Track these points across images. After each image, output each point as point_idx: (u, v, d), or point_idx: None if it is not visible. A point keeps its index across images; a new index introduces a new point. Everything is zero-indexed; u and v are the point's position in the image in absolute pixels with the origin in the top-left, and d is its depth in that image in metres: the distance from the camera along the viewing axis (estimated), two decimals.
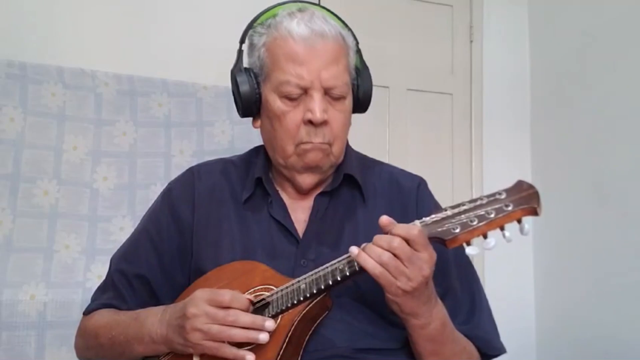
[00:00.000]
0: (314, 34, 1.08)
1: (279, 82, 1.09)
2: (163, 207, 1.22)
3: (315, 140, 1.10)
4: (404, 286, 0.94)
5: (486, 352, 1.12)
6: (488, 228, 0.94)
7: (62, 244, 1.73)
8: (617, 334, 2.20)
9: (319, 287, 0.99)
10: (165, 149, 1.91)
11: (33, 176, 1.73)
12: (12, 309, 1.61)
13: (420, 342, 1.03)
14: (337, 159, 1.16)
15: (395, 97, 2.59)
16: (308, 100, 1.09)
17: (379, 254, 0.94)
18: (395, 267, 0.93)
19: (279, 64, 1.09)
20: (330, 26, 1.11)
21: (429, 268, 0.95)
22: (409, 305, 0.97)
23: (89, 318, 1.19)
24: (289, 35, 1.08)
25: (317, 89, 1.08)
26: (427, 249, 0.95)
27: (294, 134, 1.10)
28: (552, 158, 2.62)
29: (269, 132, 1.15)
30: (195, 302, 0.99)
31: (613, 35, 2.34)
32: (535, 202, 0.93)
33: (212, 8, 2.24)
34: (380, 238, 0.96)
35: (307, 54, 1.07)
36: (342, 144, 1.15)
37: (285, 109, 1.10)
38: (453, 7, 2.73)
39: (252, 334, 0.96)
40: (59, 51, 1.97)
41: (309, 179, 1.15)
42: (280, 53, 1.09)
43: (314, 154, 1.11)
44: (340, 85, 1.10)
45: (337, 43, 1.11)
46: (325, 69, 1.08)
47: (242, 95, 1.14)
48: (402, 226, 0.95)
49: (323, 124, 1.09)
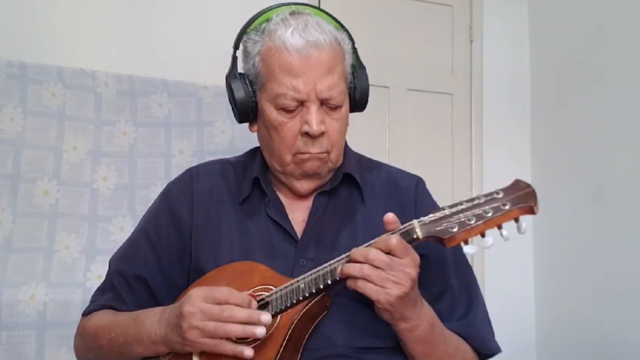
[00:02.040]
0: (308, 44, 1.07)
1: (275, 95, 1.09)
2: (162, 208, 1.22)
3: (313, 150, 1.10)
4: (395, 292, 0.94)
5: (480, 351, 1.12)
6: (486, 227, 0.94)
7: (62, 244, 1.73)
8: (617, 334, 2.20)
9: (318, 286, 0.99)
10: (165, 149, 1.91)
11: (33, 176, 1.74)
12: (12, 309, 1.62)
13: (411, 345, 1.03)
14: (335, 164, 1.16)
15: (395, 97, 2.59)
16: (305, 112, 1.08)
17: (358, 269, 0.95)
18: (378, 276, 0.94)
19: (274, 75, 1.09)
20: (325, 34, 1.09)
21: (413, 270, 0.96)
22: (400, 310, 0.98)
23: (88, 319, 1.19)
24: (283, 47, 1.07)
25: (313, 101, 1.08)
26: (408, 252, 0.96)
27: (291, 145, 1.10)
28: (552, 158, 2.62)
29: (267, 140, 1.15)
30: (190, 300, 0.99)
31: (613, 35, 2.34)
32: (533, 200, 0.94)
33: (212, 8, 2.25)
34: (355, 252, 0.97)
35: (302, 65, 1.07)
36: (340, 150, 1.15)
37: (282, 120, 1.10)
38: (453, 7, 2.73)
39: (249, 329, 0.96)
40: (59, 51, 1.97)
41: (306, 185, 1.15)
42: (275, 64, 1.08)
43: (312, 163, 1.11)
44: (336, 95, 1.09)
45: (332, 51, 1.10)
46: (320, 80, 1.07)
47: (238, 102, 1.13)
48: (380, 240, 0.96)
49: (320, 135, 1.09)
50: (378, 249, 0.95)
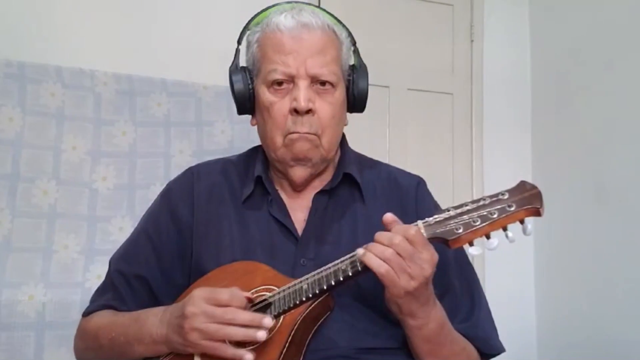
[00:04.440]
0: (299, 24, 1.11)
1: (266, 72, 1.12)
2: (162, 208, 1.22)
3: (302, 129, 1.10)
4: (406, 285, 0.93)
5: (485, 351, 1.12)
6: (491, 228, 0.94)
7: (61, 244, 1.73)
8: (618, 333, 2.20)
9: (322, 287, 0.98)
10: (165, 148, 1.91)
11: (32, 176, 1.73)
12: (11, 309, 1.61)
13: (418, 343, 1.03)
14: (328, 152, 1.15)
15: (395, 97, 2.59)
16: (294, 89, 1.10)
17: (381, 250, 0.94)
18: (398, 264, 0.93)
19: (267, 56, 1.12)
20: (318, 19, 1.13)
21: (430, 268, 0.95)
22: (408, 306, 0.97)
23: (88, 319, 1.18)
24: (276, 28, 1.11)
25: (302, 77, 1.10)
26: (428, 248, 0.95)
27: (282, 125, 1.11)
28: (553, 158, 2.62)
29: (262, 126, 1.16)
30: (193, 301, 0.98)
31: (613, 35, 2.34)
32: (538, 202, 0.93)
33: (211, 8, 2.24)
34: (382, 235, 0.96)
35: (293, 43, 1.10)
36: (332, 137, 1.14)
37: (273, 99, 1.11)
38: (453, 7, 2.73)
39: (250, 332, 0.95)
40: (57, 51, 1.96)
41: (299, 172, 1.14)
42: (269, 45, 1.12)
43: (301, 143, 1.11)
44: (326, 73, 1.11)
45: (325, 34, 1.12)
46: (311, 57, 1.10)
47: (237, 93, 1.16)
48: (400, 227, 0.95)
49: (309, 112, 1.10)
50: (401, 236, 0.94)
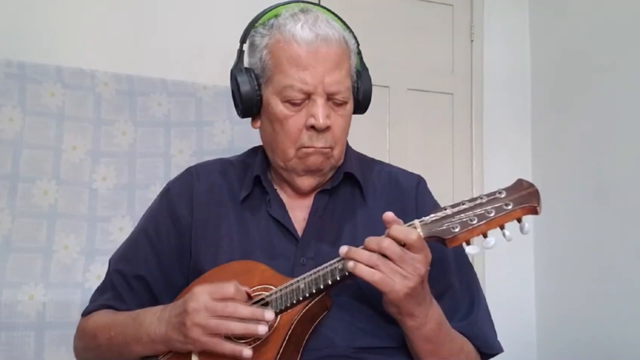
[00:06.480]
0: (318, 38, 1.07)
1: (281, 87, 1.09)
2: (161, 208, 1.22)
3: (318, 144, 1.10)
4: (402, 287, 0.93)
5: (484, 350, 1.12)
6: (488, 227, 0.93)
7: (61, 244, 1.72)
8: (618, 333, 2.20)
9: (318, 286, 0.98)
10: (165, 148, 1.91)
11: (32, 176, 1.73)
12: (11, 309, 1.61)
13: (417, 343, 1.03)
14: (337, 161, 1.16)
15: (395, 97, 2.59)
16: (311, 105, 1.08)
17: (367, 258, 0.94)
18: (389, 268, 0.93)
19: (281, 67, 1.09)
20: (334, 30, 1.10)
21: (423, 266, 0.95)
22: (407, 306, 0.97)
23: (87, 319, 1.19)
24: (292, 39, 1.08)
25: (320, 94, 1.08)
26: (423, 250, 0.95)
27: (296, 138, 1.10)
28: (553, 157, 2.62)
29: (270, 134, 1.14)
30: (195, 297, 0.98)
31: (613, 35, 2.34)
32: (536, 201, 0.93)
33: (212, 8, 2.24)
34: (370, 240, 0.95)
35: (311, 58, 1.07)
36: (342, 147, 1.15)
37: (287, 113, 1.10)
38: (454, 7, 2.73)
39: (251, 327, 0.95)
40: (58, 51, 1.96)
41: (307, 182, 1.15)
42: (284, 56, 1.08)
43: (315, 157, 1.11)
44: (343, 90, 1.10)
45: (340, 47, 1.10)
46: (328, 74, 1.07)
47: (243, 96, 1.13)
48: (401, 230, 0.95)
49: (326, 129, 1.09)
50: (393, 239, 0.94)
